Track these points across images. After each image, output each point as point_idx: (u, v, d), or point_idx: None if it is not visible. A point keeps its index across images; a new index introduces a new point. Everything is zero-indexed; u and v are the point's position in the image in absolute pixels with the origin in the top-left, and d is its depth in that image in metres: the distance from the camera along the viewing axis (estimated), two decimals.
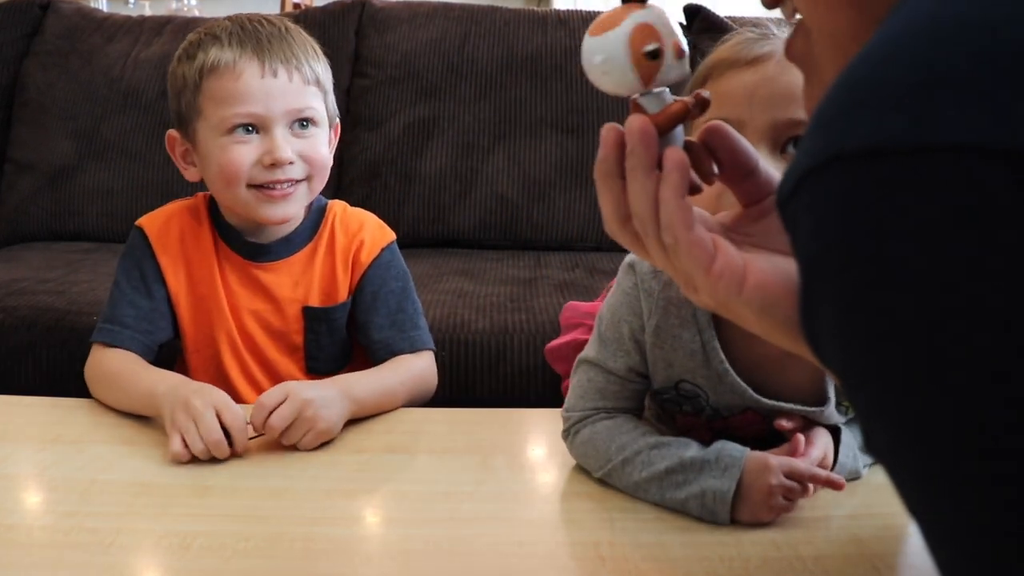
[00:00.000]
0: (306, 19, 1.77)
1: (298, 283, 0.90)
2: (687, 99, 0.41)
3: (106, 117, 1.69)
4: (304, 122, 0.85)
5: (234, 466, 0.70)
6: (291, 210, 0.86)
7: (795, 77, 0.54)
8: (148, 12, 2.23)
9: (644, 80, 0.40)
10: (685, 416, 0.69)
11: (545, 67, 1.69)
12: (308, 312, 0.90)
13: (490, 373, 1.14)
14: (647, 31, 0.39)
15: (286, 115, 0.83)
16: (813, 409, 0.64)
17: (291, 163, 0.83)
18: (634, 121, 0.40)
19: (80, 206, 1.66)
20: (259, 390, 0.89)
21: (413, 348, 0.89)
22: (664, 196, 0.39)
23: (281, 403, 0.72)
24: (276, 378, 0.90)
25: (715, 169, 0.42)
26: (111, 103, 1.69)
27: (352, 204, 0.96)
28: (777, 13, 0.42)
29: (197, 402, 0.71)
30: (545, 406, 0.82)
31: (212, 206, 0.91)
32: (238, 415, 0.71)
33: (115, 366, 0.82)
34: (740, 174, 0.42)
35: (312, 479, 0.68)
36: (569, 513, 0.64)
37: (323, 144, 0.87)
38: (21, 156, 1.70)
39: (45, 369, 1.15)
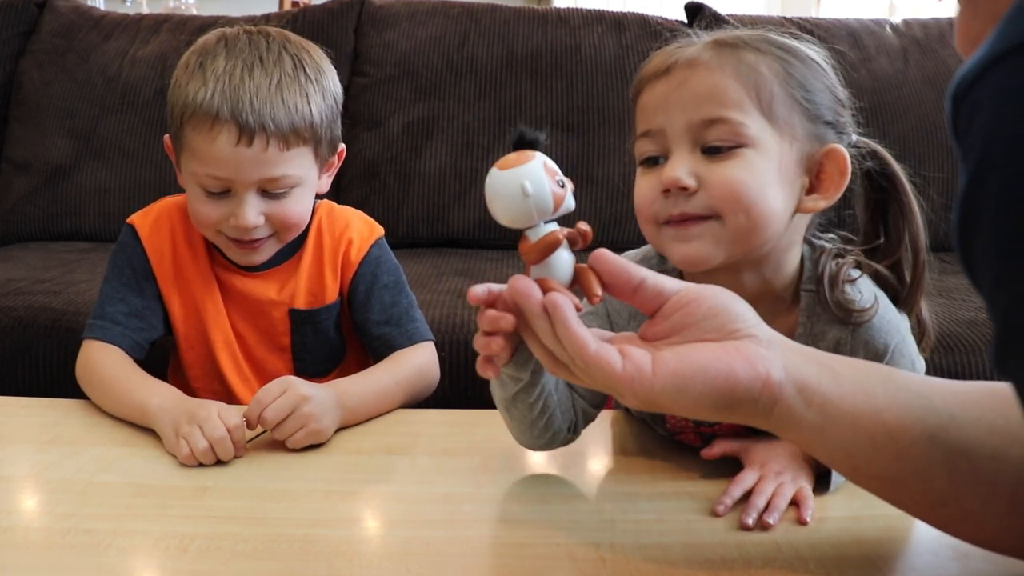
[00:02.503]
0: (305, 17, 1.77)
1: (284, 287, 0.89)
2: (564, 231, 0.48)
3: (103, 116, 1.68)
4: (276, 191, 0.82)
5: (232, 467, 0.70)
6: (261, 258, 0.87)
7: (704, 78, 0.60)
8: (145, 10, 2.22)
9: (555, 206, 0.47)
10: (673, 416, 0.70)
11: (545, 65, 1.69)
12: (294, 314, 0.89)
13: None
14: (550, 167, 0.48)
15: (257, 183, 0.81)
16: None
17: (254, 228, 0.82)
18: (515, 282, 0.48)
19: (77, 206, 1.65)
20: (252, 388, 0.89)
21: (411, 341, 0.89)
22: (558, 332, 0.46)
23: (278, 397, 0.71)
24: (267, 378, 0.89)
25: (598, 290, 0.48)
26: (108, 102, 1.69)
27: (351, 204, 0.96)
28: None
29: (201, 410, 0.71)
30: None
31: None
32: (237, 416, 0.71)
33: (107, 371, 0.81)
34: (627, 290, 0.49)
35: (311, 480, 0.68)
36: (569, 514, 0.63)
37: (298, 203, 0.84)
38: (17, 155, 1.70)
39: (42, 370, 1.15)
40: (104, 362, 0.82)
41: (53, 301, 1.21)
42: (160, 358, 0.93)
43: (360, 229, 0.92)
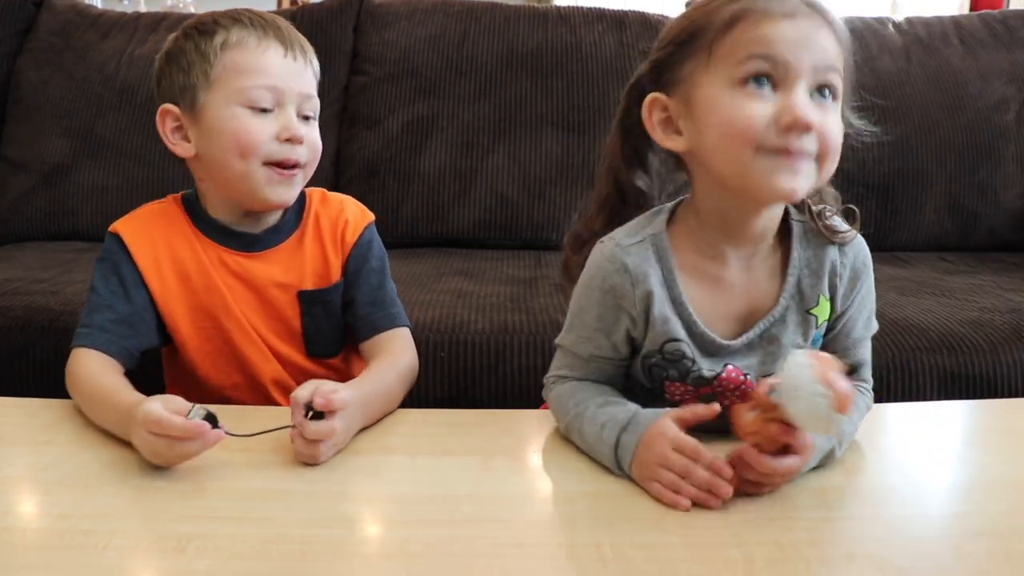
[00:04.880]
0: (304, 16, 1.76)
1: (289, 268, 0.90)
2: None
3: (101, 115, 1.68)
4: (307, 114, 0.87)
5: (231, 468, 0.69)
6: (293, 193, 0.87)
7: (826, 33, 0.67)
8: (143, 9, 2.22)
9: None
10: (673, 384, 0.73)
11: (546, 64, 1.68)
12: (303, 296, 0.90)
13: (490, 374, 1.13)
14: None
15: (299, 97, 0.85)
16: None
17: (301, 143, 0.85)
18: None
19: (75, 205, 1.65)
20: (275, 371, 0.90)
21: (393, 324, 0.90)
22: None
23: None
24: (281, 363, 0.91)
25: None
26: (106, 101, 1.68)
27: None
28: None
29: (135, 439, 0.68)
30: (545, 407, 0.81)
31: (187, 206, 0.90)
32: (169, 423, 0.66)
33: (87, 385, 0.78)
34: None
35: (309, 481, 0.68)
36: (570, 514, 0.63)
37: (318, 134, 0.89)
38: (14, 155, 1.69)
39: (39, 370, 1.14)
40: (87, 374, 0.80)
41: (50, 301, 1.21)
42: (154, 368, 0.92)
43: (354, 212, 0.94)
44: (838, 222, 0.74)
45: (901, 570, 0.55)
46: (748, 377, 0.72)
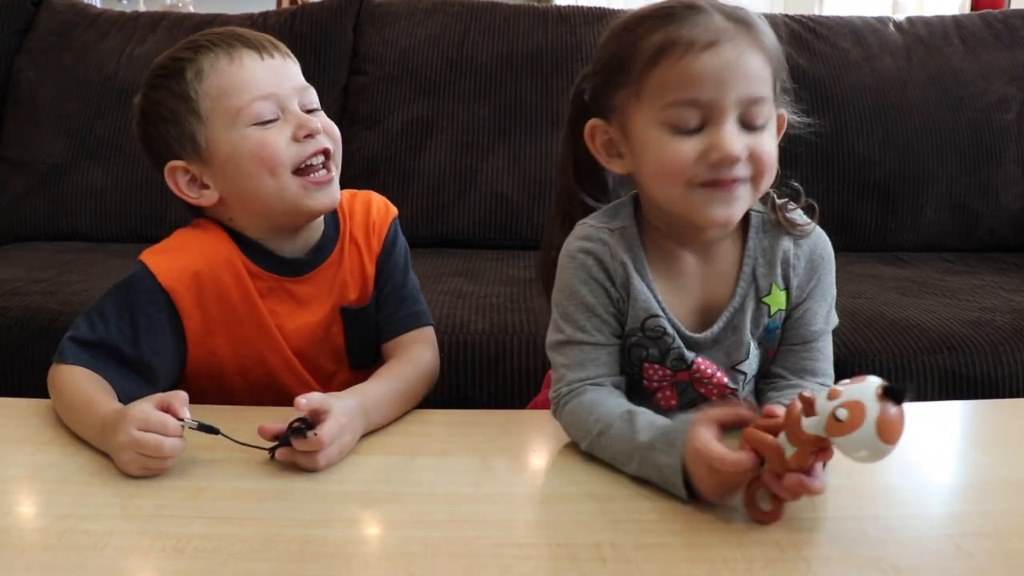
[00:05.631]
0: (303, 15, 1.76)
1: (332, 286, 0.87)
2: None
3: (100, 115, 1.68)
4: (311, 107, 0.84)
5: (229, 468, 0.69)
6: (336, 194, 0.84)
7: (751, 57, 0.66)
8: (142, 8, 2.22)
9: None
10: (652, 366, 0.74)
11: (546, 64, 1.68)
12: (346, 313, 0.88)
13: (490, 374, 1.13)
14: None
15: (295, 92, 0.82)
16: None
17: (320, 132, 0.82)
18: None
19: (73, 205, 1.64)
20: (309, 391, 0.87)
21: (417, 324, 0.89)
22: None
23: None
24: (325, 380, 0.88)
25: None
26: (105, 101, 1.68)
27: None
28: None
29: (120, 437, 0.65)
30: (545, 407, 0.81)
31: (231, 232, 0.85)
32: (162, 422, 0.66)
33: (68, 393, 0.76)
34: None
35: (308, 481, 0.67)
36: (570, 515, 0.63)
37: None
38: (13, 154, 1.69)
39: (38, 370, 1.12)
40: (70, 381, 0.76)
41: (49, 301, 1.21)
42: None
43: (379, 210, 0.91)
44: (799, 216, 0.75)
45: (901, 570, 0.55)
46: (719, 372, 0.73)
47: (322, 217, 0.87)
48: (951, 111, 1.67)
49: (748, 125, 0.66)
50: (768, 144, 0.68)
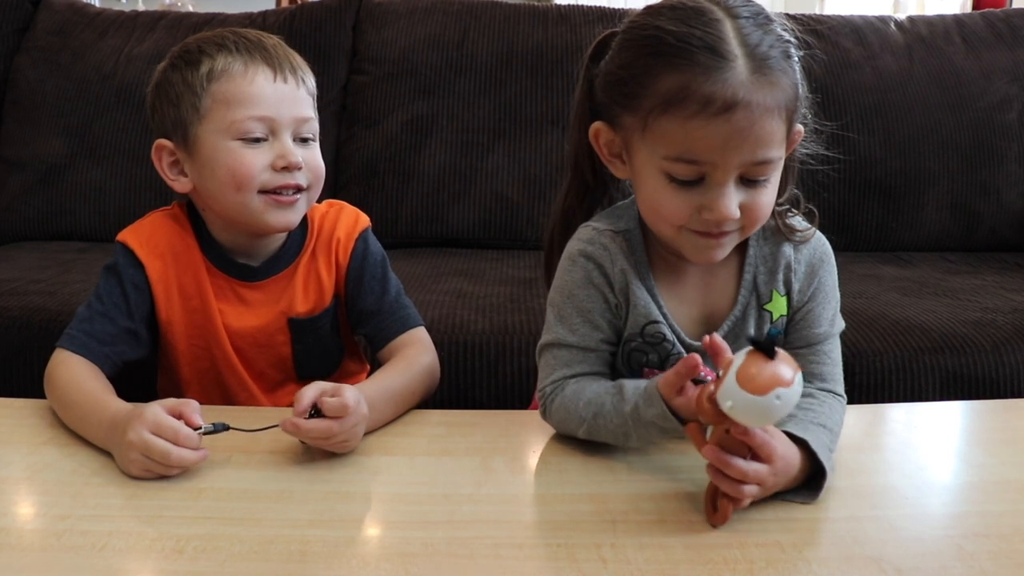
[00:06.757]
0: (302, 15, 1.76)
1: (282, 295, 0.88)
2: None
3: (98, 114, 1.67)
4: (305, 136, 0.85)
5: (228, 468, 0.69)
6: (295, 218, 0.85)
7: (761, 124, 0.64)
8: (141, 7, 2.21)
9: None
10: (651, 371, 0.74)
11: (546, 63, 1.68)
12: (293, 323, 0.88)
13: (490, 374, 1.13)
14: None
15: (293, 122, 0.83)
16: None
17: (299, 168, 0.83)
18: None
19: (72, 205, 1.64)
20: (253, 397, 0.88)
21: (405, 328, 0.89)
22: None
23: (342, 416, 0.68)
24: (270, 389, 0.90)
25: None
26: (103, 100, 1.68)
27: (349, 203, 0.95)
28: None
29: (129, 435, 0.66)
30: (535, 406, 0.81)
31: (193, 218, 0.88)
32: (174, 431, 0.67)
33: (70, 389, 0.77)
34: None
35: (308, 481, 0.67)
36: (570, 515, 0.63)
37: (320, 156, 0.86)
38: (12, 154, 1.69)
39: (37, 371, 1.12)
40: (73, 381, 0.78)
41: (48, 302, 1.20)
42: (146, 378, 0.92)
43: (347, 225, 0.91)
44: (798, 221, 0.76)
45: (902, 571, 0.55)
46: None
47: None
48: (952, 110, 1.67)
49: (749, 182, 0.66)
50: (766, 197, 0.67)
